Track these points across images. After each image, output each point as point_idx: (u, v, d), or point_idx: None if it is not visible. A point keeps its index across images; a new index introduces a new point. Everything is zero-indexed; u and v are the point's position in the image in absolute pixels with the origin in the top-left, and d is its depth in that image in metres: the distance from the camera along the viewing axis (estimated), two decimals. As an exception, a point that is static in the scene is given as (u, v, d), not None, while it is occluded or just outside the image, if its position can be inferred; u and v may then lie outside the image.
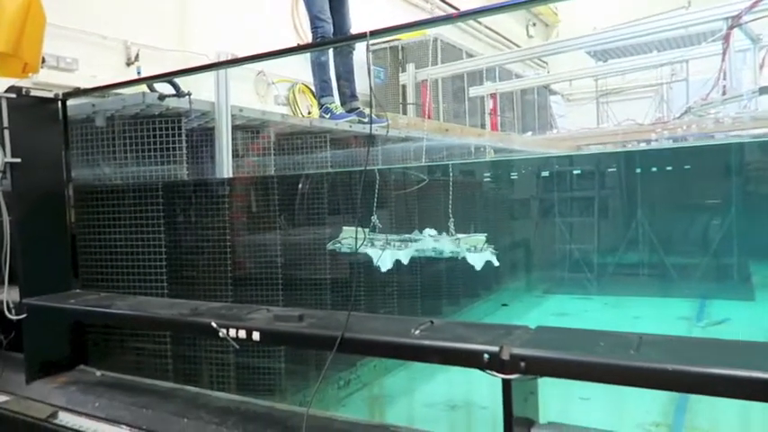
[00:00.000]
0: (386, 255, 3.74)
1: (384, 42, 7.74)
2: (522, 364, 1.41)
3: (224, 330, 1.90)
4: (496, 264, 3.97)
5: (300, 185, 3.56)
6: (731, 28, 4.49)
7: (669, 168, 6.51)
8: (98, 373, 2.66)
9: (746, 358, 1.24)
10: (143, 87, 2.87)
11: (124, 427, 2.04)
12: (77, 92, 2.93)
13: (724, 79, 4.59)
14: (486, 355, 1.46)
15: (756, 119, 4.95)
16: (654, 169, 6.70)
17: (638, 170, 6.87)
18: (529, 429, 1.53)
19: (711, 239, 6.69)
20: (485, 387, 1.50)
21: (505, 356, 1.43)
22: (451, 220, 4.14)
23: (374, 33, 1.84)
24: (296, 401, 3.05)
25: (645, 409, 3.49)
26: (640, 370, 1.27)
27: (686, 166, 6.37)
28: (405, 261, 3.75)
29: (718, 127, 5.22)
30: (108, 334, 2.93)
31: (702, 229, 6.86)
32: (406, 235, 4.07)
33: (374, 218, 4.12)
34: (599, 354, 1.36)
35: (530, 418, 1.55)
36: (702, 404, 3.56)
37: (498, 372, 1.44)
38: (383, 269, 3.68)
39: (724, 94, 4.71)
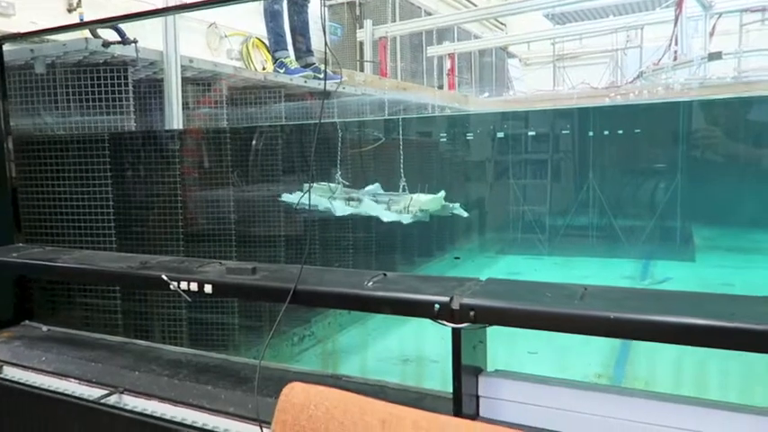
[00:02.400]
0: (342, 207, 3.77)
1: (342, -2, 7.58)
2: (472, 313, 1.44)
3: (175, 283, 1.88)
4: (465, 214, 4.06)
5: (255, 141, 3.50)
6: (684, -6, 4.56)
7: (620, 132, 6.67)
8: (45, 328, 2.59)
9: (680, 307, 1.31)
10: (86, 34, 2.73)
11: (73, 380, 2.01)
12: (14, 36, 2.76)
13: (675, 45, 4.69)
14: (436, 306, 1.48)
15: (705, 86, 5.10)
16: (606, 132, 6.85)
17: (591, 133, 7.01)
18: (477, 376, 1.57)
19: (658, 203, 6.93)
20: (437, 342, 1.53)
21: (455, 306, 1.46)
22: (403, 180, 4.18)
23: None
24: (250, 357, 3.06)
25: (587, 362, 3.65)
26: (583, 318, 1.32)
27: (636, 130, 6.54)
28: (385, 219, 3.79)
29: (669, 93, 5.36)
30: (55, 289, 2.85)
31: (649, 193, 7.09)
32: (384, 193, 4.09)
33: (338, 174, 4.11)
34: (545, 303, 1.40)
35: (478, 366, 1.59)
36: (641, 357, 3.76)
37: (448, 321, 1.47)
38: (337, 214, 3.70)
39: (675, 59, 4.82)
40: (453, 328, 1.47)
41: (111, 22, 2.64)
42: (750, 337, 1.18)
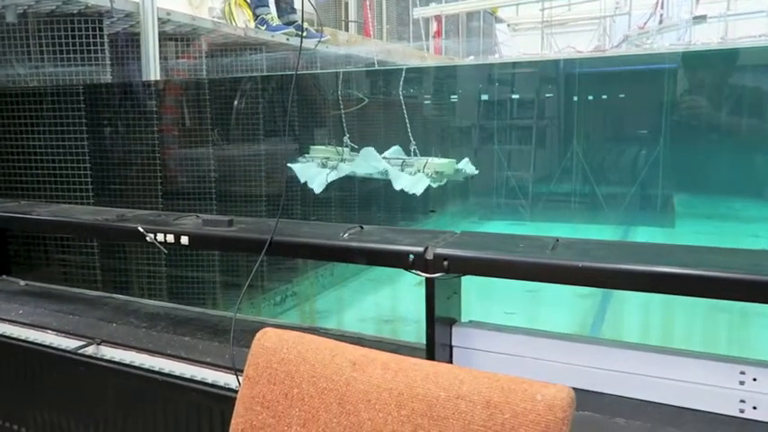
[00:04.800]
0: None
1: (327, -44, 7.39)
2: (445, 263, 1.45)
3: (151, 235, 1.87)
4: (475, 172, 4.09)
5: (237, 100, 3.45)
6: (671, -44, 4.52)
7: (604, 97, 6.66)
8: (22, 282, 2.58)
9: (647, 256, 1.33)
10: (59, -18, 2.65)
11: (50, 332, 2.01)
12: (-16, -16, 2.68)
13: (661, 8, 4.66)
14: (410, 256, 1.49)
15: (689, 51, 5.09)
16: (590, 97, 6.85)
17: (575, 98, 7.00)
18: (450, 327, 1.60)
19: (639, 169, 6.97)
20: (421, 302, 1.54)
21: (429, 256, 1.47)
22: (413, 143, 4.18)
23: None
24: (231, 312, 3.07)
25: (564, 322, 3.72)
26: (553, 267, 1.34)
27: (621, 95, 6.54)
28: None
29: (654, 58, 5.35)
30: (32, 244, 2.82)
31: (631, 159, 7.13)
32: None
33: (346, 137, 4.09)
34: (517, 253, 1.42)
35: (452, 316, 1.61)
36: (618, 316, 3.84)
37: (422, 271, 1.48)
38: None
39: (661, 23, 4.80)
40: (427, 278, 1.49)
41: (84, -31, 2.57)
42: (714, 284, 1.21)
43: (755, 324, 3.14)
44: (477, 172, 4.52)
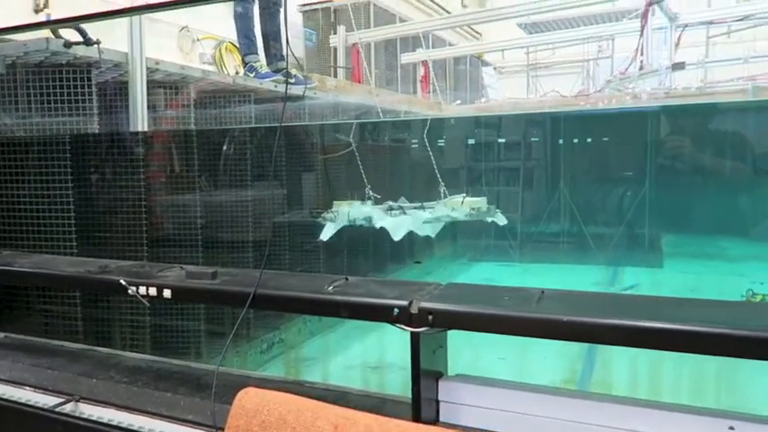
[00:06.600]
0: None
1: (316, 4, 7.58)
2: (430, 317, 1.44)
3: (134, 288, 1.85)
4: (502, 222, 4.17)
5: (225, 147, 3.46)
6: (649, 5, 4.67)
7: (589, 140, 6.77)
8: (1, 335, 2.52)
9: (633, 310, 1.33)
10: (48, 33, 2.68)
11: (27, 388, 1.95)
12: (-27, 35, 2.70)
13: (641, 55, 4.79)
14: (395, 310, 1.48)
15: (670, 95, 5.21)
16: (575, 140, 6.95)
17: (561, 141, 7.10)
18: (437, 381, 1.57)
19: (627, 210, 7.04)
20: (408, 348, 1.52)
21: (414, 310, 1.46)
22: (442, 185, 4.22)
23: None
24: (215, 364, 3.02)
25: (556, 368, 3.68)
26: (538, 321, 1.33)
27: (604, 138, 6.64)
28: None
29: (636, 101, 5.46)
30: (13, 295, 2.77)
31: (618, 200, 7.20)
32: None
33: (368, 189, 4.13)
34: (502, 307, 1.41)
35: (438, 370, 1.59)
36: (610, 361, 3.81)
37: (406, 325, 1.47)
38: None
39: (641, 69, 4.92)
40: (412, 332, 1.47)
41: (73, 21, 2.59)
42: (702, 339, 1.21)
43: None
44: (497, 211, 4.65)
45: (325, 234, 4.00)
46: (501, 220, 4.44)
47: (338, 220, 4.02)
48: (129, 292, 1.83)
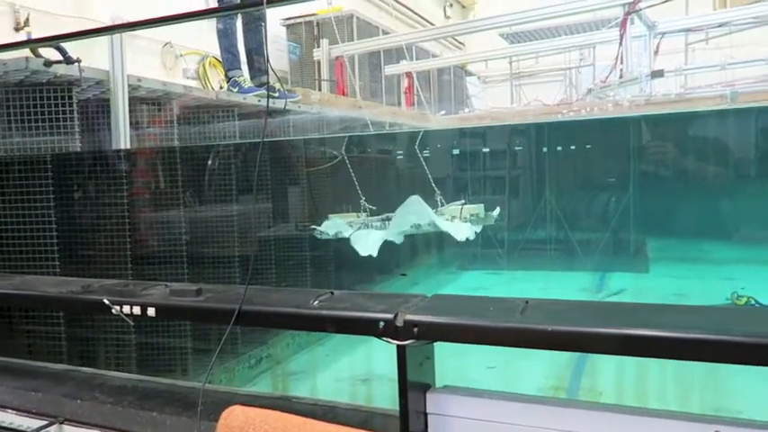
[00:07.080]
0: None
1: (299, 18, 7.60)
2: (416, 329, 1.44)
3: (117, 307, 1.82)
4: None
5: (210, 162, 3.45)
6: (627, 14, 4.74)
7: (573, 148, 6.83)
8: (-17, 358, 2.48)
9: (617, 318, 1.33)
10: (28, 53, 2.66)
11: (9, 411, 1.92)
12: (-50, 55, 2.67)
13: (621, 63, 4.85)
14: (381, 323, 1.47)
15: (650, 102, 5.28)
16: (559, 148, 7.01)
17: (545, 149, 7.16)
18: (425, 393, 1.56)
19: (612, 216, 7.10)
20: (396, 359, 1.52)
21: (399, 323, 1.46)
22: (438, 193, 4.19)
23: (270, 1, 1.79)
24: (202, 381, 2.99)
25: (545, 375, 3.69)
26: (522, 331, 1.33)
27: (587, 146, 6.71)
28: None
29: (617, 109, 5.53)
30: (-5, 317, 2.74)
31: (603, 207, 7.27)
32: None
33: (362, 200, 4.12)
34: (486, 318, 1.41)
35: (426, 382, 1.58)
36: (598, 368, 3.82)
37: (392, 338, 1.46)
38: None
39: (621, 77, 4.98)
40: (398, 345, 1.47)
41: (54, 40, 2.59)
42: (686, 345, 1.21)
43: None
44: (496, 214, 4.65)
45: (374, 245, 3.91)
46: (489, 219, 4.43)
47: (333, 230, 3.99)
48: (113, 311, 1.81)
